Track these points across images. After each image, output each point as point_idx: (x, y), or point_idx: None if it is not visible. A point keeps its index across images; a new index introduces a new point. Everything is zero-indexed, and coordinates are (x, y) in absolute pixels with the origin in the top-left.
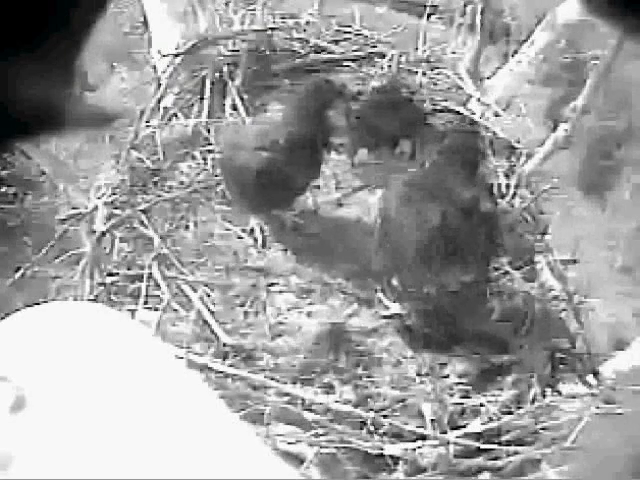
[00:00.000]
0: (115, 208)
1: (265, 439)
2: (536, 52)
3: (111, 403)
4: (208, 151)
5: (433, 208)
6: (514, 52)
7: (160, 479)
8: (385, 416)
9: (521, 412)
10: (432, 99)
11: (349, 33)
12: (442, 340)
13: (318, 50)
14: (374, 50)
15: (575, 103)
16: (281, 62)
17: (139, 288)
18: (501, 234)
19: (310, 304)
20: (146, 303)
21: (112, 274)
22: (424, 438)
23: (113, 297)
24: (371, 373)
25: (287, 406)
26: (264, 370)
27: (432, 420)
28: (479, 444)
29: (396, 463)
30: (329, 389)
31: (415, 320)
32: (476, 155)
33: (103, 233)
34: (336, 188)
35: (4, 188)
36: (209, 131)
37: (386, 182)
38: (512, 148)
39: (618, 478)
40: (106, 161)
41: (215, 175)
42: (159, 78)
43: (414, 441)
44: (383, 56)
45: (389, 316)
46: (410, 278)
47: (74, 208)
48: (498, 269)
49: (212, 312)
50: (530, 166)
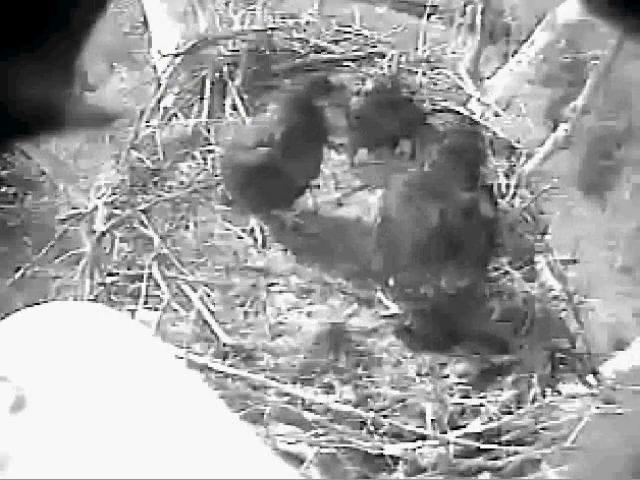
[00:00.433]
0: (115, 208)
1: (265, 439)
2: (536, 52)
3: (111, 403)
4: (208, 151)
5: (433, 208)
6: (514, 52)
7: (160, 479)
8: (385, 416)
9: (521, 412)
10: (432, 99)
11: (349, 33)
12: (439, 341)
13: (318, 50)
14: (374, 50)
15: (575, 103)
16: (281, 62)
17: (139, 288)
18: (501, 235)
19: (310, 304)
20: (146, 303)
21: (112, 274)
22: (424, 438)
23: (113, 297)
24: (371, 373)
25: (287, 406)
26: (264, 370)
27: (432, 420)
28: (479, 444)
29: (396, 463)
30: (329, 389)
31: (412, 321)
32: (477, 156)
33: (103, 233)
34: (336, 188)
35: (4, 188)
36: (209, 131)
37: (386, 182)
38: (512, 148)
39: (618, 478)
40: (106, 161)
41: (215, 175)
42: (159, 78)
43: (414, 441)
44: (383, 56)
45: (389, 316)
46: (407, 278)
47: (74, 208)
48: (498, 269)
49: (212, 312)
50: (530, 166)
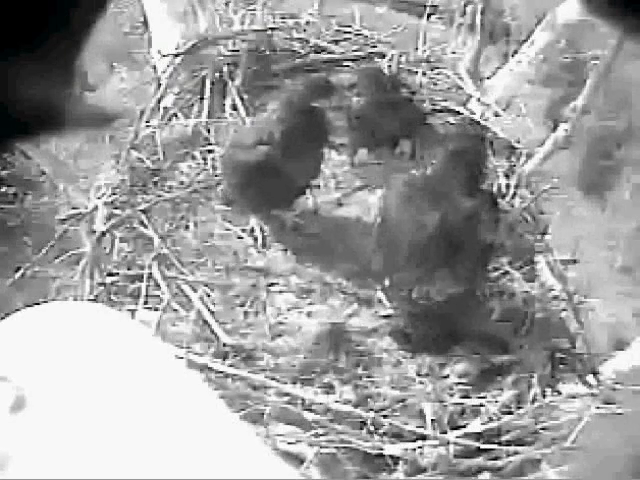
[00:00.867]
0: (115, 208)
1: (265, 439)
2: (536, 52)
3: (111, 403)
4: (208, 151)
5: (432, 210)
6: (514, 52)
7: (160, 479)
8: (385, 416)
9: (521, 412)
10: (432, 99)
11: (349, 33)
12: (432, 344)
13: (318, 50)
14: (374, 50)
15: (575, 103)
16: (281, 62)
17: (139, 288)
18: (501, 235)
19: (310, 304)
20: (146, 303)
21: (112, 274)
22: (424, 438)
23: (113, 297)
24: (371, 373)
25: (287, 406)
26: (264, 370)
27: (432, 420)
28: (479, 444)
29: (396, 463)
30: (329, 389)
31: (406, 322)
32: (479, 159)
33: (103, 233)
34: (336, 188)
35: (4, 188)
36: (209, 131)
37: (386, 182)
38: (512, 148)
39: (618, 478)
40: (106, 161)
41: (215, 175)
42: (159, 78)
43: (414, 441)
44: (383, 56)
45: (388, 316)
46: (401, 280)
47: (74, 208)
48: (498, 269)
49: (212, 312)
50: (530, 166)
